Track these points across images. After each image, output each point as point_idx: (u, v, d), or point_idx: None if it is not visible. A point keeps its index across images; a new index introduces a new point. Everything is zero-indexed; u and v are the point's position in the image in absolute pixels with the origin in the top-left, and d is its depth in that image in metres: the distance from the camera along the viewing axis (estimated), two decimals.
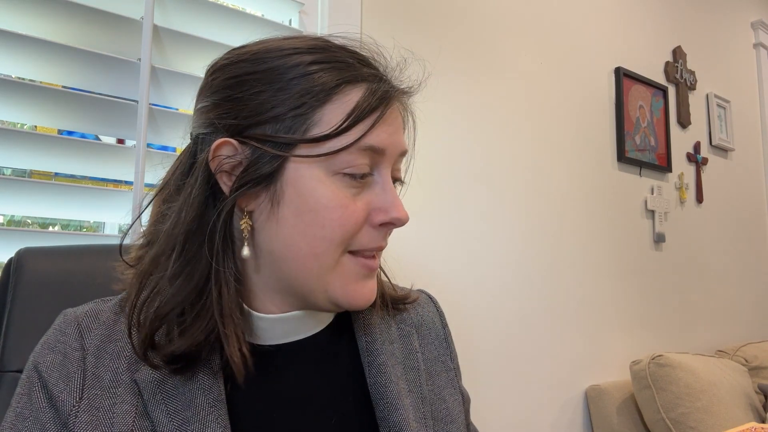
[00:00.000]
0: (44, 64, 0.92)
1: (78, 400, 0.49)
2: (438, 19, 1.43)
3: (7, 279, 0.67)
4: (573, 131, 1.75)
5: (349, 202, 0.51)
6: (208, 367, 0.51)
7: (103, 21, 0.95)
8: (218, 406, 0.50)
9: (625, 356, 1.74)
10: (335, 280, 0.52)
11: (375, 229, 0.53)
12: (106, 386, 0.50)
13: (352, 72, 0.51)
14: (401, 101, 0.56)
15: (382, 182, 0.53)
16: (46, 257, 0.69)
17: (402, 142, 0.55)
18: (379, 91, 0.51)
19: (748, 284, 2.42)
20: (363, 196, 0.52)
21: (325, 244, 0.50)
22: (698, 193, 2.22)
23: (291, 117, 0.49)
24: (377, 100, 0.51)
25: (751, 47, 2.72)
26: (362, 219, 0.52)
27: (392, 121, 0.53)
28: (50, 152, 0.92)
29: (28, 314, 0.65)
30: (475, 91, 1.49)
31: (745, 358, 1.91)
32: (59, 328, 0.53)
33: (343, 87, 0.50)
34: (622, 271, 1.84)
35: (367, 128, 0.50)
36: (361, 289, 0.53)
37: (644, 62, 2.05)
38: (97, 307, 0.55)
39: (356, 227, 0.51)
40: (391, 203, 0.53)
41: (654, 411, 1.50)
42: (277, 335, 0.56)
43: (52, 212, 0.94)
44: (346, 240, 0.51)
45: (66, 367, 0.50)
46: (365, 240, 0.53)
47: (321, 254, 0.51)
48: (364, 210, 0.52)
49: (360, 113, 0.50)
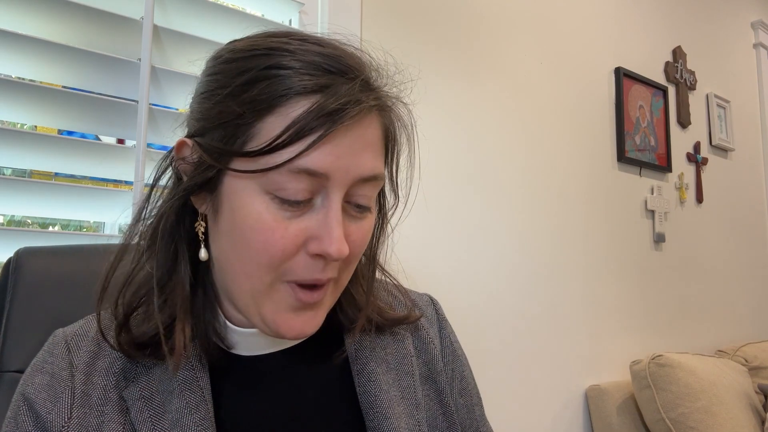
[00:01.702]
0: (44, 64, 0.92)
1: (67, 419, 0.49)
2: (438, 19, 1.43)
3: (6, 279, 0.66)
4: (573, 131, 1.75)
5: (278, 225, 0.45)
6: (196, 385, 0.51)
7: (103, 21, 0.95)
8: (205, 425, 0.49)
9: (625, 356, 1.74)
10: (267, 305, 0.48)
11: (312, 258, 0.46)
12: (95, 404, 0.50)
13: (305, 80, 0.44)
14: (382, 115, 0.49)
15: (326, 209, 0.46)
16: (45, 257, 0.69)
17: (361, 165, 0.46)
18: (329, 107, 0.43)
19: (748, 284, 2.42)
20: (302, 220, 0.46)
21: (253, 266, 0.46)
22: (698, 193, 2.22)
23: (234, 126, 0.45)
24: (323, 117, 0.43)
25: (751, 47, 2.71)
26: (292, 246, 0.46)
27: (346, 143, 0.45)
28: (50, 152, 0.91)
29: (28, 314, 0.65)
30: (475, 90, 1.49)
31: (745, 358, 1.91)
32: (48, 349, 0.53)
33: (291, 98, 0.44)
34: (622, 271, 1.84)
35: (303, 148, 0.43)
36: (290, 321, 0.48)
37: (644, 62, 2.05)
38: (87, 325, 0.55)
39: (283, 254, 0.46)
40: (326, 234, 0.45)
41: (654, 411, 1.50)
42: (257, 346, 0.55)
43: (52, 212, 0.94)
44: (275, 265, 0.46)
45: (54, 387, 0.50)
46: (299, 269, 0.47)
47: (251, 275, 0.47)
48: (298, 236, 0.46)
49: (299, 130, 0.43)
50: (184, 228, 0.52)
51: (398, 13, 1.36)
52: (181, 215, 0.51)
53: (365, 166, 0.47)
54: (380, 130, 0.50)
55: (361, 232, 0.50)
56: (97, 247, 0.75)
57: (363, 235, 0.50)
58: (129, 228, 0.53)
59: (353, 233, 0.49)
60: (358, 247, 0.50)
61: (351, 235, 0.48)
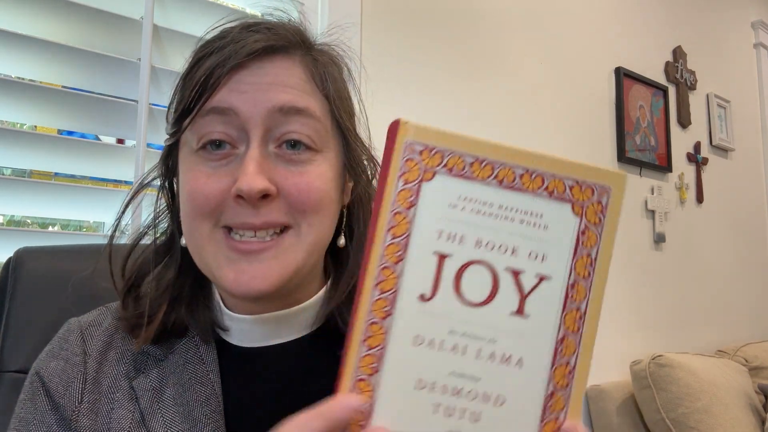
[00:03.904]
0: (44, 64, 0.92)
1: (78, 403, 0.50)
2: (438, 19, 1.43)
3: (6, 279, 0.67)
4: (573, 131, 1.75)
5: (202, 175, 0.48)
6: (207, 378, 0.52)
7: (103, 21, 0.95)
8: (215, 417, 0.50)
9: (625, 356, 1.74)
10: (210, 258, 0.49)
11: (236, 201, 0.47)
12: (105, 391, 0.51)
13: (208, 48, 0.50)
14: (300, 58, 0.52)
15: (245, 152, 0.48)
16: (44, 257, 0.69)
17: (272, 98, 0.48)
18: (223, 56, 0.48)
19: (748, 284, 2.42)
20: (228, 169, 0.48)
21: (187, 220, 0.50)
22: (698, 193, 2.22)
23: (175, 107, 0.52)
24: (218, 66, 0.48)
25: (751, 47, 2.71)
26: (217, 191, 0.48)
27: (250, 80, 0.49)
28: (50, 152, 0.92)
29: (27, 314, 0.65)
30: (475, 90, 1.49)
31: (745, 358, 1.91)
32: (63, 336, 0.55)
33: (198, 63, 0.50)
34: (622, 271, 1.84)
35: (208, 94, 0.48)
36: (233, 273, 0.48)
37: (644, 62, 2.05)
38: (101, 315, 0.57)
39: (207, 200, 0.48)
40: (242, 171, 0.47)
41: (654, 411, 1.50)
42: (253, 336, 0.54)
43: (51, 212, 0.95)
44: (205, 213, 0.48)
45: (67, 372, 0.52)
46: (228, 213, 0.48)
47: (192, 230, 0.50)
48: (222, 181, 0.48)
49: (201, 82, 0.48)
50: (175, 221, 0.55)
51: (398, 12, 1.36)
52: (172, 209, 0.56)
53: (277, 98, 0.49)
54: (301, 72, 0.51)
55: (306, 177, 0.49)
56: (97, 246, 0.75)
57: (309, 179, 0.49)
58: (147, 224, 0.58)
59: (293, 177, 0.49)
60: (304, 192, 0.49)
61: (289, 178, 0.48)
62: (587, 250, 0.37)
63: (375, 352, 0.35)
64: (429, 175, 0.36)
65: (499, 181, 0.36)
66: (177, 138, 0.52)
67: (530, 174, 0.37)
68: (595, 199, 0.37)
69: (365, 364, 0.35)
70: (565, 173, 0.37)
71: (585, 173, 0.37)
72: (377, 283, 0.35)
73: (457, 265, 0.36)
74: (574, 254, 0.37)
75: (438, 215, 0.36)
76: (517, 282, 0.36)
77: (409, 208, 0.36)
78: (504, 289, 0.36)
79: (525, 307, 0.36)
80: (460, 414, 0.35)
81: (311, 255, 0.51)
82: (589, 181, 0.37)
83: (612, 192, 0.37)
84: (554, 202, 0.37)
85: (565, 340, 0.36)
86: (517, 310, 0.36)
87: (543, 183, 0.37)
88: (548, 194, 0.37)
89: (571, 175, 0.37)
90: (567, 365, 0.36)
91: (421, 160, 0.36)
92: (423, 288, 0.35)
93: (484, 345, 0.35)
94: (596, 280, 0.37)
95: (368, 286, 0.35)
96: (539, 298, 0.36)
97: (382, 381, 0.35)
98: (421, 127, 0.36)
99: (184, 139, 0.51)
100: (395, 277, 0.35)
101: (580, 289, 0.37)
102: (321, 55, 0.55)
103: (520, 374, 0.35)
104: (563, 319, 0.36)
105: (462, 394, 0.35)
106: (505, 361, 0.35)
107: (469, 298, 0.36)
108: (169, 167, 0.55)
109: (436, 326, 0.35)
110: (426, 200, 0.36)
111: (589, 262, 0.37)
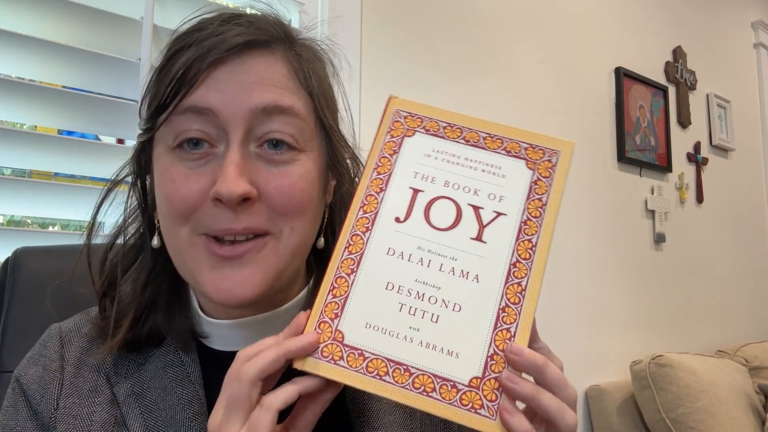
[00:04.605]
0: (44, 64, 0.92)
1: (54, 409, 0.50)
2: (438, 19, 1.43)
3: (4, 278, 0.67)
4: (573, 131, 1.75)
5: (179, 176, 0.46)
6: (188, 380, 0.51)
7: (103, 21, 0.95)
8: (199, 419, 0.49)
9: (625, 356, 1.74)
10: (192, 264, 0.47)
11: (215, 206, 0.45)
12: (85, 395, 0.51)
13: (185, 40, 0.48)
14: (281, 53, 0.50)
15: (225, 152, 0.46)
16: (43, 256, 0.69)
17: (254, 97, 0.46)
18: (200, 50, 0.46)
19: (748, 284, 2.42)
20: (205, 170, 0.46)
21: (168, 222, 0.48)
22: (698, 193, 2.22)
23: (149, 101, 0.50)
24: (196, 61, 0.45)
25: (751, 47, 2.71)
26: (195, 193, 0.46)
27: (230, 78, 0.46)
28: (50, 152, 0.92)
29: (26, 314, 0.65)
30: (475, 90, 1.49)
31: (745, 358, 1.90)
32: (42, 343, 0.54)
33: (174, 56, 0.47)
34: (622, 271, 1.83)
35: (185, 91, 0.45)
36: (215, 279, 0.46)
37: (644, 62, 2.05)
38: (81, 320, 0.56)
39: (185, 203, 0.46)
40: (221, 174, 0.44)
41: (654, 411, 1.50)
42: (233, 341, 0.53)
43: (51, 212, 0.94)
44: (182, 216, 0.46)
45: (44, 379, 0.51)
46: (206, 219, 0.46)
47: (171, 233, 0.48)
48: (200, 183, 0.46)
49: (178, 78, 0.45)
50: (146, 220, 0.54)
51: (398, 12, 1.36)
52: (143, 208, 0.54)
53: (260, 97, 0.46)
54: (283, 68, 0.49)
55: (288, 178, 0.47)
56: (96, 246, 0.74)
57: (291, 180, 0.47)
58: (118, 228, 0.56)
59: (274, 179, 0.47)
60: (286, 195, 0.47)
61: (271, 181, 0.47)
62: (538, 196, 0.45)
63: (354, 257, 0.42)
64: (410, 133, 0.46)
65: (466, 141, 0.46)
66: (151, 135, 0.49)
67: (492, 137, 0.46)
68: (546, 158, 0.46)
69: (346, 265, 0.42)
70: (521, 138, 0.47)
71: (538, 140, 0.47)
72: (362, 206, 0.44)
73: (428, 198, 0.44)
74: (527, 198, 0.44)
75: (415, 161, 0.45)
76: (477, 215, 0.44)
77: (392, 155, 0.46)
78: (466, 219, 0.43)
79: (483, 235, 0.43)
80: (421, 314, 0.40)
81: (294, 259, 0.49)
82: (541, 145, 0.46)
83: (561, 155, 0.46)
84: (511, 159, 0.46)
85: (518, 264, 0.42)
86: (476, 237, 0.43)
87: (502, 144, 0.46)
88: (506, 153, 0.46)
89: (526, 140, 0.47)
90: (519, 285, 0.42)
91: (405, 122, 0.47)
92: (398, 212, 0.44)
93: (446, 261, 0.42)
94: (546, 219, 0.44)
95: (355, 207, 0.44)
96: (496, 229, 0.43)
97: (358, 279, 0.42)
98: (407, 100, 0.48)
99: (159, 136, 0.49)
100: (377, 203, 0.44)
101: (531, 225, 0.44)
102: (304, 50, 0.52)
103: (476, 287, 0.41)
104: (516, 247, 0.43)
105: (424, 299, 0.41)
106: (463, 275, 0.42)
107: (436, 224, 0.43)
108: (142, 165, 0.53)
109: (406, 242, 0.43)
110: (406, 150, 0.46)
111: (540, 206, 0.44)
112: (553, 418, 0.38)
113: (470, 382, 0.38)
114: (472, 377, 0.39)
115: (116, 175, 0.55)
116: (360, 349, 0.39)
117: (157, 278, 0.53)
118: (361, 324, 0.40)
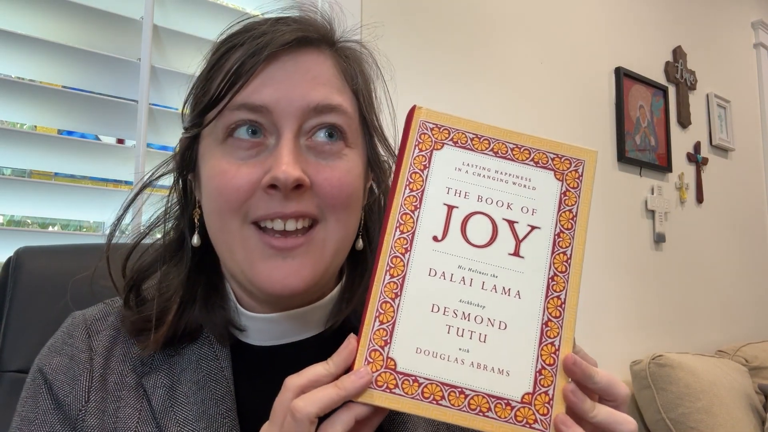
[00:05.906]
0: (44, 64, 0.92)
1: (85, 402, 0.49)
2: (438, 20, 1.43)
3: (6, 278, 0.66)
4: (573, 131, 1.75)
5: (230, 167, 0.47)
6: (222, 376, 0.51)
7: (103, 21, 0.95)
8: (231, 416, 0.49)
9: (625, 356, 1.74)
10: (242, 255, 0.48)
11: (267, 192, 0.46)
12: (111, 389, 0.50)
13: (236, 40, 0.49)
14: (331, 52, 0.52)
15: (278, 144, 0.47)
16: (44, 256, 0.69)
17: (307, 95, 0.48)
18: (253, 48, 0.47)
19: (748, 284, 2.42)
20: (257, 161, 0.47)
21: (215, 216, 0.48)
22: (698, 193, 2.22)
23: (198, 98, 0.50)
24: (249, 57, 0.47)
25: (751, 47, 2.71)
26: (246, 183, 0.47)
27: (283, 75, 0.48)
28: (50, 152, 0.92)
29: (27, 314, 0.65)
30: (475, 90, 1.49)
31: (745, 358, 1.91)
32: (66, 331, 0.53)
33: (225, 54, 0.49)
34: (622, 271, 1.83)
35: (238, 87, 0.47)
36: (267, 270, 0.47)
37: (644, 62, 2.05)
38: (106, 309, 0.55)
39: (238, 193, 0.47)
40: (276, 162, 0.46)
41: (654, 411, 1.50)
42: (269, 335, 0.54)
43: (51, 212, 0.95)
44: (234, 207, 0.47)
45: (72, 369, 0.50)
46: (258, 205, 0.47)
47: (222, 227, 0.48)
48: (252, 173, 0.47)
49: (232, 74, 0.47)
50: (187, 218, 0.54)
51: (398, 13, 1.36)
52: (184, 206, 0.54)
53: (312, 94, 0.48)
54: (332, 66, 0.51)
55: (337, 171, 0.49)
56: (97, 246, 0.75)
57: (340, 173, 0.49)
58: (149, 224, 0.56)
59: (324, 171, 0.48)
60: (336, 187, 0.49)
61: (321, 173, 0.48)
62: (568, 207, 0.45)
63: (396, 280, 0.42)
64: (439, 145, 0.45)
65: (494, 153, 0.46)
66: (198, 131, 0.50)
67: (519, 148, 0.46)
68: (572, 168, 0.46)
69: (389, 289, 0.42)
70: (547, 149, 0.46)
71: (563, 149, 0.46)
72: (398, 225, 0.43)
73: (463, 215, 0.44)
74: (558, 209, 0.45)
75: (446, 175, 0.45)
76: (512, 230, 0.44)
77: (423, 170, 0.45)
78: (502, 235, 0.43)
79: (520, 250, 0.43)
80: (469, 335, 0.41)
81: (339, 252, 0.51)
82: (567, 155, 0.46)
83: (586, 163, 0.46)
84: (540, 170, 0.46)
85: (555, 278, 0.43)
86: (513, 252, 0.43)
87: (530, 155, 0.46)
88: (534, 164, 0.46)
89: (552, 150, 0.46)
90: (558, 299, 0.42)
91: (432, 135, 0.46)
92: (436, 231, 0.43)
93: (487, 279, 0.42)
94: (578, 231, 0.44)
95: (391, 228, 0.43)
96: (532, 243, 0.43)
97: (403, 303, 0.41)
98: (432, 111, 0.46)
99: (205, 132, 0.50)
100: (413, 222, 0.43)
101: (564, 237, 0.44)
102: (350, 51, 0.54)
103: (518, 304, 0.42)
104: (552, 261, 0.43)
105: (470, 319, 0.41)
106: (506, 292, 0.42)
107: (474, 240, 0.43)
108: (186, 162, 0.53)
109: (447, 261, 0.42)
110: (437, 164, 0.45)
111: (571, 217, 0.45)
112: (609, 428, 0.41)
113: (522, 398, 0.40)
114: (524, 393, 0.40)
115: (151, 175, 0.56)
116: (414, 375, 0.40)
117: (195, 276, 0.54)
118: (411, 349, 0.40)
